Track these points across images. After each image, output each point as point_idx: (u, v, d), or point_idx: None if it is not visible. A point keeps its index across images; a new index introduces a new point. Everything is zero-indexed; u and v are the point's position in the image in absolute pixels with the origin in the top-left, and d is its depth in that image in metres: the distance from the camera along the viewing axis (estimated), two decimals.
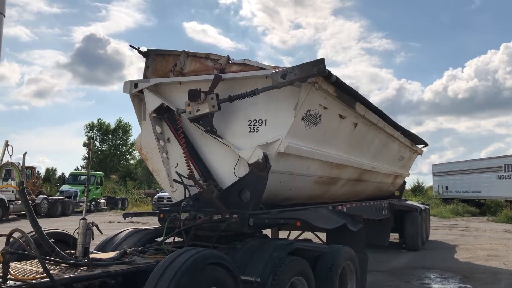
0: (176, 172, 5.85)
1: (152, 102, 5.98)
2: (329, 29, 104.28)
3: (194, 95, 5.31)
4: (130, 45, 6.21)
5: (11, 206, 22.10)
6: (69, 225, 19.51)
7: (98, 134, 67.24)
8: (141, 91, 6.15)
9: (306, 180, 6.87)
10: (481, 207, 31.85)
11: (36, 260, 3.94)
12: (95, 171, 37.99)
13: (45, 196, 25.86)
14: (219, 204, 5.31)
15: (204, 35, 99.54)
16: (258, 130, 5.58)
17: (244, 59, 5.73)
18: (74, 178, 32.49)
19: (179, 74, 6.04)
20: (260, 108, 5.60)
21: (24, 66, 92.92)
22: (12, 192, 22.45)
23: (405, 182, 14.99)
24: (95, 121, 66.75)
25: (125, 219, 6.39)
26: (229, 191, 5.52)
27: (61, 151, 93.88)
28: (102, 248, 5.58)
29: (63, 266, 3.88)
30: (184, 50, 6.11)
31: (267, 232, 8.80)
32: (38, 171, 34.98)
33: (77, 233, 4.22)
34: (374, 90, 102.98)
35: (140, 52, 6.37)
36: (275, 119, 5.50)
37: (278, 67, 5.46)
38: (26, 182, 28.10)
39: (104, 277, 3.80)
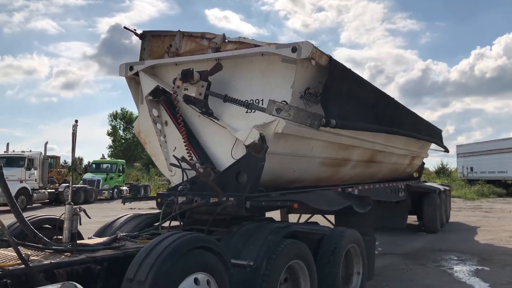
0: (174, 156, 5.73)
1: (148, 84, 5.85)
2: (352, 11, 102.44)
3: (186, 75, 5.15)
4: (125, 27, 6.07)
5: (35, 194, 22.58)
6: (90, 212, 19.74)
7: (122, 123, 68.06)
8: (137, 74, 6.02)
9: (311, 162, 6.66)
10: (508, 188, 30.96)
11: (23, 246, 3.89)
12: (117, 159, 38.50)
13: (67, 184, 26.27)
14: (215, 188, 5.16)
15: (226, 21, 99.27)
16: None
17: (239, 37, 5.53)
18: (97, 166, 32.96)
19: (174, 54, 5.88)
20: (256, 88, 5.42)
21: (53, 58, 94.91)
22: (35, 181, 22.92)
23: (423, 163, 14.58)
24: (119, 110, 67.54)
25: (124, 204, 6.33)
26: (226, 174, 5.37)
27: (88, 141, 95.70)
28: (100, 234, 5.53)
29: (48, 252, 3.81)
30: (179, 30, 5.94)
31: (277, 215, 8.65)
32: (65, 161, 35.67)
33: (63, 218, 4.14)
34: (399, 72, 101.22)
35: (136, 34, 6.22)
36: (272, 98, 5.27)
37: (274, 44, 5.25)
38: (51, 171, 28.74)
39: (88, 262, 3.71)
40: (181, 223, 5.18)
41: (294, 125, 5.46)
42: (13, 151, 23.55)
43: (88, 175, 30.50)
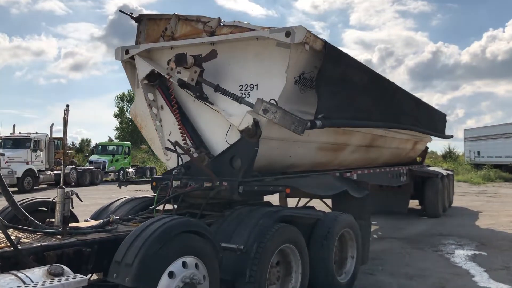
0: (169, 140, 5.76)
1: (143, 68, 5.85)
2: None
3: (180, 60, 5.14)
4: (121, 10, 6.05)
5: (41, 176, 22.83)
6: (95, 193, 20.01)
7: (129, 105, 68.17)
8: (133, 58, 6.02)
9: (308, 147, 6.65)
10: None
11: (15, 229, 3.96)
12: (123, 141, 38.69)
13: (73, 166, 26.50)
14: (208, 172, 5.19)
15: (234, 2, 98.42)
16: (249, 95, 5.38)
17: (234, 21, 5.49)
18: (103, 148, 33.13)
19: (170, 38, 5.86)
20: (251, 72, 5.40)
21: (61, 40, 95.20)
22: (42, 162, 23.15)
23: (427, 148, 14.51)
24: (126, 92, 67.61)
25: (120, 187, 6.39)
26: (220, 159, 5.40)
27: (97, 122, 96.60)
28: (97, 216, 5.59)
29: (40, 235, 3.87)
30: (175, 14, 5.91)
31: (275, 200, 8.68)
32: (72, 142, 35.83)
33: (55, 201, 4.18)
34: (409, 54, 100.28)
35: (132, 17, 6.20)
36: (266, 83, 5.29)
37: (268, 28, 5.21)
38: (57, 152, 29.00)
39: (78, 245, 3.77)
40: (174, 206, 5.24)
41: (289, 111, 5.45)
42: (19, 132, 23.76)
43: (94, 157, 30.73)
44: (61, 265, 3.07)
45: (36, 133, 23.57)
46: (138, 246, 3.46)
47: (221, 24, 5.60)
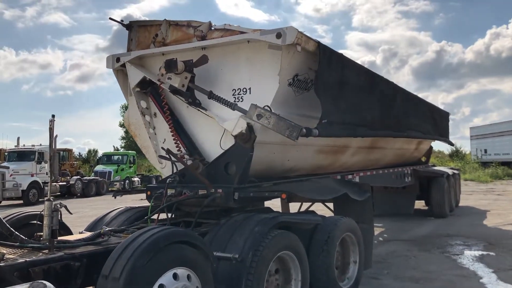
0: (162, 148, 5.64)
1: (135, 75, 5.75)
2: None
3: (170, 66, 5.03)
4: (110, 18, 5.97)
5: (46, 188, 22.78)
6: (100, 204, 19.94)
7: None
8: (125, 66, 5.92)
9: (306, 150, 6.51)
10: None
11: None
12: (128, 151, 38.70)
13: (78, 177, 26.48)
14: (202, 179, 5.06)
15: (236, 9, 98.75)
16: (243, 99, 5.26)
17: (225, 24, 5.38)
18: (108, 158, 33.13)
19: (161, 44, 5.76)
20: (244, 76, 5.28)
21: (66, 52, 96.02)
22: (46, 174, 23.13)
23: (431, 147, 14.31)
24: None
25: (115, 198, 6.29)
26: (215, 165, 5.27)
27: (104, 132, 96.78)
28: (92, 228, 5.47)
29: (27, 250, 3.76)
30: (165, 19, 5.81)
31: (278, 204, 8.54)
32: (79, 153, 35.91)
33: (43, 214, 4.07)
34: (412, 54, 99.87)
35: (122, 24, 6.13)
36: (259, 86, 5.17)
37: (259, 30, 5.10)
38: (63, 164, 29.07)
39: (66, 259, 3.65)
40: (168, 216, 5.11)
41: (283, 114, 5.31)
42: (24, 145, 23.81)
43: (99, 167, 30.72)
44: (44, 281, 2.95)
45: (40, 145, 23.61)
46: (126, 258, 3.34)
47: (212, 28, 5.49)
